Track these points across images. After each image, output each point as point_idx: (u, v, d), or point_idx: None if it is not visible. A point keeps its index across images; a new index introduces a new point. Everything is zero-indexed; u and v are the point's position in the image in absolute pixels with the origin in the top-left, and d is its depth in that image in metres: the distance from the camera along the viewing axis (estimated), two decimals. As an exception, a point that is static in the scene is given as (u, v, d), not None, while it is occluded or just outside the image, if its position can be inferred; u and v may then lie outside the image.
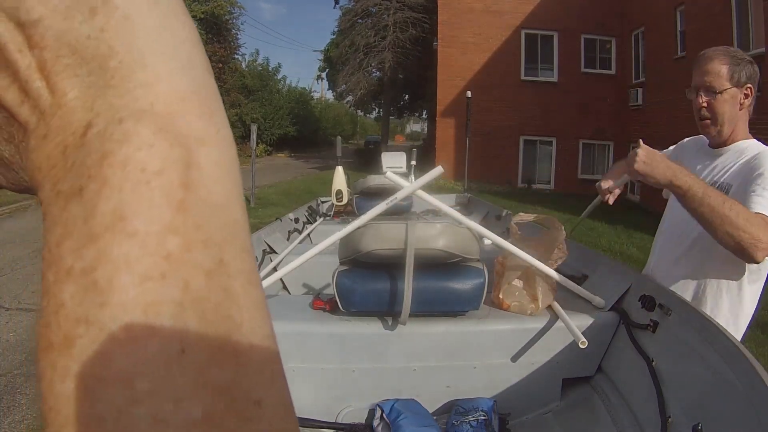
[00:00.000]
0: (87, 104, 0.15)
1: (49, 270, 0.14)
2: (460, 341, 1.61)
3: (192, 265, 0.13)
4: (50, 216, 0.14)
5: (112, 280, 0.13)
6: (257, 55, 28.22)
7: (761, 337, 3.68)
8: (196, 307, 0.13)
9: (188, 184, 0.14)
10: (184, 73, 0.15)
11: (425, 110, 25.21)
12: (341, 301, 1.64)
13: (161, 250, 0.13)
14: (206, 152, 0.15)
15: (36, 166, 0.15)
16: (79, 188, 0.14)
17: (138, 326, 0.13)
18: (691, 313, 1.39)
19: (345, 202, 4.09)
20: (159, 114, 0.14)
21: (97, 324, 0.13)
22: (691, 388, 1.27)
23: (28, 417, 2.64)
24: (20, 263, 5.43)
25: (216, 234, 0.14)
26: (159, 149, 0.14)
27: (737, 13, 7.79)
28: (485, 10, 13.73)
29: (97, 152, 0.14)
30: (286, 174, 17.13)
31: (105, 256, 0.13)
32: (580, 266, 2.08)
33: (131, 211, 0.13)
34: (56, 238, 0.14)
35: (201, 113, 0.15)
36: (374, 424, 1.54)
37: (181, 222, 0.14)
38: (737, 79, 1.45)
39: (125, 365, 0.12)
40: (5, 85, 0.16)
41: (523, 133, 13.93)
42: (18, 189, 0.19)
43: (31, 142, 0.15)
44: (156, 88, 0.15)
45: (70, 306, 0.13)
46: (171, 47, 0.15)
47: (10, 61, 0.15)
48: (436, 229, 1.56)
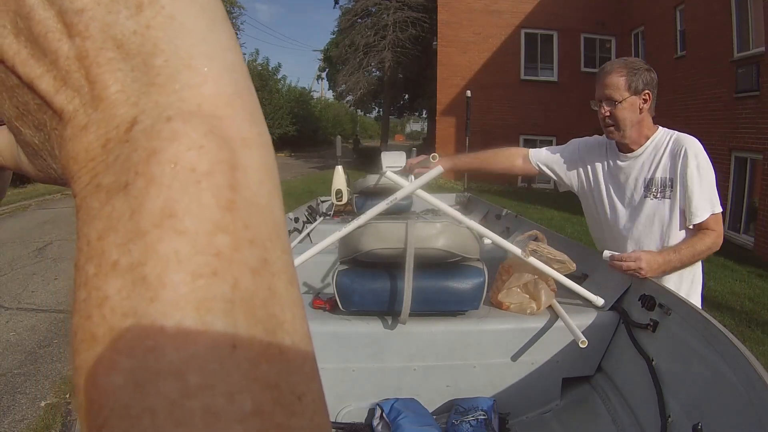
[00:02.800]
0: (131, 100, 0.15)
1: (88, 262, 0.14)
2: (460, 341, 1.61)
3: (240, 263, 0.14)
4: (88, 208, 0.14)
5: (163, 276, 0.13)
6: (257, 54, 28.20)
7: (761, 336, 3.69)
8: (245, 304, 0.13)
9: (235, 186, 0.14)
10: (228, 77, 0.16)
11: (425, 110, 25.19)
12: (341, 301, 1.64)
13: (212, 248, 0.13)
14: (250, 155, 0.15)
15: (71, 156, 0.15)
16: (125, 183, 0.14)
17: (190, 322, 0.13)
18: (691, 312, 1.39)
19: (345, 201, 4.08)
20: (207, 115, 0.15)
21: (146, 318, 0.13)
22: (691, 387, 1.27)
23: (29, 416, 2.64)
24: (20, 263, 5.43)
25: (261, 234, 0.14)
26: (208, 150, 0.14)
27: (737, 13, 7.78)
28: (485, 9, 13.73)
29: (144, 149, 0.14)
30: (286, 173, 17.13)
31: (154, 252, 0.13)
32: (580, 266, 2.08)
33: (181, 209, 0.14)
34: (97, 232, 0.14)
35: (245, 117, 0.15)
36: (374, 424, 1.54)
37: (230, 221, 0.14)
38: (635, 88, 1.63)
39: (177, 359, 0.12)
40: (41, 73, 0.16)
41: (523, 132, 13.92)
42: (45, 178, 0.19)
43: (67, 131, 0.15)
44: (203, 89, 0.15)
45: (116, 300, 0.13)
46: (216, 51, 0.16)
47: (50, 49, 0.15)
48: (436, 229, 1.56)
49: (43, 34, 0.15)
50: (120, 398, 0.12)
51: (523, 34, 13.79)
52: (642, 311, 1.56)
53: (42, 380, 3.01)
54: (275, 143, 6.06)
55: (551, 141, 13.88)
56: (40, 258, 5.64)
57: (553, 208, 10.08)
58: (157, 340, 0.13)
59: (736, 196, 7.71)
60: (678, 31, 9.91)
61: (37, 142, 0.17)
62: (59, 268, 5.16)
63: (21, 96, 0.16)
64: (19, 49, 0.16)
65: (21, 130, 0.18)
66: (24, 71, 0.16)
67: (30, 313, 4.05)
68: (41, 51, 0.16)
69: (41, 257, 5.67)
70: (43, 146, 0.17)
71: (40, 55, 0.16)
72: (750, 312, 4.31)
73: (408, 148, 5.94)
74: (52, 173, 0.18)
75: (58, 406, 2.73)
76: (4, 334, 3.63)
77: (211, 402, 0.12)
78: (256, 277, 0.14)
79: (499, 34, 13.73)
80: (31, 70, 0.16)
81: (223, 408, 0.12)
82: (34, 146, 0.18)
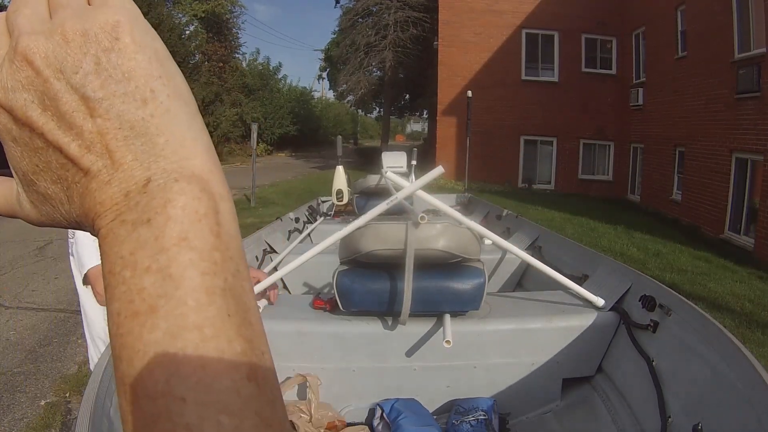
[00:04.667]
0: (144, 165, 0.21)
1: (125, 269, 0.20)
2: (460, 341, 1.61)
3: (226, 269, 0.21)
4: (116, 235, 0.21)
5: (183, 273, 0.20)
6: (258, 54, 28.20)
7: (761, 338, 3.68)
8: (232, 293, 0.21)
9: (220, 222, 0.22)
10: (208, 154, 0.23)
11: (426, 110, 25.16)
12: (341, 301, 1.64)
13: (211, 258, 0.21)
14: (225, 204, 0.22)
15: (98, 201, 0.22)
16: (147, 219, 0.21)
17: (203, 299, 0.20)
18: (692, 313, 1.39)
19: (345, 201, 4.09)
20: (200, 179, 0.22)
21: (174, 298, 0.20)
22: (691, 387, 1.27)
23: (28, 415, 2.64)
24: (20, 262, 5.44)
25: (234, 253, 0.22)
26: (204, 201, 0.21)
27: (738, 13, 7.77)
28: (486, 9, 13.72)
29: (161, 198, 0.21)
30: (286, 173, 17.12)
31: (176, 259, 0.20)
32: (580, 266, 2.08)
33: (191, 235, 0.21)
34: (129, 249, 0.20)
35: (221, 180, 0.23)
36: (374, 424, 1.54)
37: (219, 243, 0.21)
38: None
39: (196, 319, 0.20)
40: (68, 141, 0.22)
41: (524, 132, 13.92)
42: (45, 221, 0.25)
43: (93, 184, 0.22)
44: (194, 161, 0.22)
45: (151, 289, 0.20)
46: (198, 134, 0.23)
47: (76, 124, 0.22)
48: (436, 229, 1.55)
49: (70, 113, 0.22)
50: (160, 347, 0.19)
51: (524, 34, 13.78)
52: (642, 312, 1.56)
53: (42, 379, 3.01)
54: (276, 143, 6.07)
55: (552, 141, 13.89)
56: (41, 257, 5.64)
57: (554, 208, 10.08)
58: (183, 309, 0.20)
59: (736, 197, 7.70)
60: (679, 31, 9.90)
61: (50, 193, 0.23)
62: (59, 267, 5.16)
63: (44, 156, 0.22)
64: (46, 120, 0.22)
65: (36, 182, 0.23)
66: (53, 138, 0.22)
67: (30, 312, 4.05)
68: (67, 125, 0.22)
69: (41, 256, 5.67)
70: (56, 196, 0.23)
71: (66, 128, 0.22)
72: (750, 313, 4.30)
73: (409, 148, 5.94)
74: (57, 217, 0.24)
75: (58, 405, 2.73)
76: (4, 332, 3.64)
77: (217, 345, 0.20)
78: (235, 278, 0.21)
79: (500, 34, 13.73)
80: (59, 138, 0.22)
81: (224, 348, 0.20)
82: (46, 195, 0.23)
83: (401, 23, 19.29)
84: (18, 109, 0.22)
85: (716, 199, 8.09)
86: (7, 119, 0.22)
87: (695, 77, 8.98)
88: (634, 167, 12.38)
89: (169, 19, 18.46)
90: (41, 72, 0.21)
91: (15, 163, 0.23)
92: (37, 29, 0.22)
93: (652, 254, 6.53)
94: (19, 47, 0.22)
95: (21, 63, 0.21)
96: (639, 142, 11.89)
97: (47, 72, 0.21)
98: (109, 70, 0.22)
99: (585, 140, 13.55)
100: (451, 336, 1.45)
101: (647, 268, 5.61)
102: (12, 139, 0.23)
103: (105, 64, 0.22)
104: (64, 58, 0.21)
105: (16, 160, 0.23)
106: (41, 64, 0.21)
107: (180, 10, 21.26)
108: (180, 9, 21.31)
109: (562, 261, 2.25)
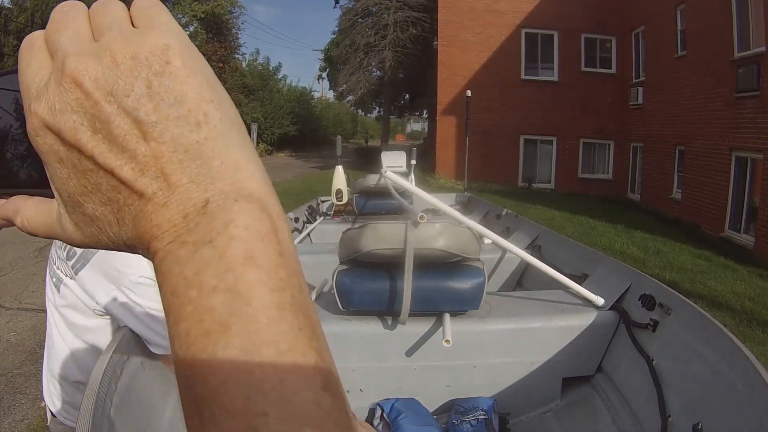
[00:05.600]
0: (201, 187, 0.21)
1: (190, 289, 0.20)
2: (460, 341, 1.61)
3: (292, 285, 0.21)
4: (177, 257, 0.21)
5: (252, 291, 0.20)
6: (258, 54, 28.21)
7: (761, 336, 3.68)
8: (299, 307, 0.21)
9: (280, 241, 0.22)
10: (262, 175, 0.23)
11: (425, 109, 25.15)
12: (341, 301, 1.64)
13: (277, 275, 0.21)
14: (282, 223, 0.23)
15: (155, 224, 0.22)
16: (209, 239, 0.21)
17: (274, 315, 0.20)
18: (692, 312, 1.39)
19: (345, 201, 4.08)
20: (258, 199, 0.22)
21: (246, 315, 0.20)
22: (691, 387, 1.27)
23: (29, 416, 2.64)
24: (21, 263, 5.44)
25: (296, 269, 0.22)
26: (264, 221, 0.22)
27: (737, 13, 7.77)
28: (485, 9, 13.71)
29: (222, 218, 0.21)
30: (286, 173, 17.12)
31: (244, 278, 0.20)
32: (580, 266, 2.08)
33: (257, 253, 0.21)
34: (193, 270, 0.20)
35: (276, 200, 0.23)
36: (374, 423, 1.54)
37: (283, 261, 0.21)
38: None
39: (271, 335, 0.20)
40: (120, 164, 0.22)
41: (524, 132, 13.92)
42: (89, 243, 0.25)
43: (149, 207, 0.22)
44: (251, 182, 0.22)
45: (221, 308, 0.20)
46: (250, 156, 0.23)
47: (128, 148, 0.21)
48: (435, 229, 1.55)
49: (123, 136, 0.21)
50: (234, 365, 0.19)
51: (523, 33, 13.78)
52: (642, 311, 1.56)
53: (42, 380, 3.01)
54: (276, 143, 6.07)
55: (552, 140, 13.88)
56: (41, 258, 5.64)
57: (554, 207, 10.08)
58: (256, 326, 0.20)
59: (736, 195, 7.70)
60: (678, 30, 9.89)
61: (98, 214, 0.23)
62: (60, 268, 5.16)
63: (93, 178, 0.22)
64: (97, 143, 0.22)
65: (83, 204, 0.23)
66: (104, 161, 0.22)
67: (30, 313, 4.05)
68: (120, 148, 0.21)
69: (41, 257, 5.68)
70: (105, 217, 0.23)
71: (118, 151, 0.22)
72: (750, 312, 4.30)
73: (408, 147, 5.94)
74: (103, 239, 0.24)
75: (59, 406, 2.73)
76: (4, 334, 3.64)
77: (293, 359, 0.20)
78: (300, 294, 0.22)
79: (500, 34, 13.73)
80: (110, 161, 0.22)
81: (299, 362, 0.20)
82: (93, 217, 0.23)
83: (401, 23, 19.28)
84: (67, 131, 0.22)
85: (716, 198, 8.09)
86: (53, 140, 0.22)
87: (695, 76, 8.98)
88: (634, 166, 12.38)
89: (169, 19, 18.41)
90: (91, 94, 0.21)
91: (60, 184, 0.23)
92: (84, 50, 0.22)
93: (652, 253, 6.53)
94: (66, 68, 0.21)
95: (69, 84, 0.21)
96: (639, 141, 11.89)
97: (97, 94, 0.21)
98: (161, 93, 0.22)
99: (585, 139, 13.54)
100: (450, 335, 1.45)
101: (647, 267, 5.61)
102: (58, 160, 0.22)
103: (157, 88, 0.22)
104: (114, 81, 0.21)
105: (62, 182, 0.23)
106: (91, 87, 0.21)
107: (179, 11, 21.27)
108: (179, 10, 21.32)
109: (561, 260, 2.24)
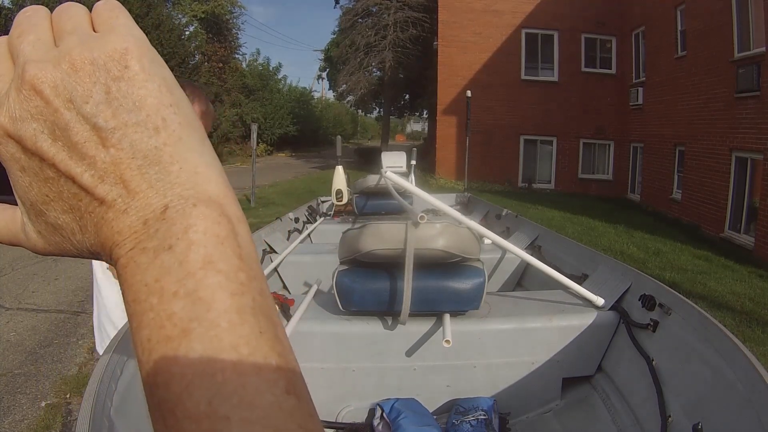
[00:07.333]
0: (160, 193, 0.21)
1: (151, 296, 0.20)
2: (460, 341, 1.61)
3: (252, 288, 0.21)
4: (137, 263, 0.21)
5: (213, 296, 0.20)
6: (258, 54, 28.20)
7: (762, 336, 3.69)
8: (261, 310, 0.21)
9: (240, 244, 0.22)
10: (222, 178, 0.23)
11: (425, 109, 25.15)
12: (341, 301, 1.64)
13: (237, 279, 0.21)
14: (242, 225, 0.23)
15: (116, 231, 0.21)
16: (169, 245, 0.21)
17: (235, 319, 0.20)
18: (692, 312, 1.39)
19: (345, 201, 4.08)
20: (217, 203, 0.22)
21: (207, 320, 0.20)
22: (691, 387, 1.27)
23: (29, 416, 2.64)
24: (21, 263, 5.44)
25: (257, 273, 0.22)
26: (223, 224, 0.21)
27: (737, 13, 7.77)
28: (485, 9, 13.71)
29: (181, 224, 0.21)
30: (286, 173, 17.12)
31: (204, 283, 0.20)
32: (580, 266, 2.08)
33: (216, 258, 0.21)
34: (154, 276, 0.20)
35: (235, 202, 0.23)
36: (374, 424, 1.54)
37: (243, 265, 0.21)
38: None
39: (231, 339, 0.20)
40: (81, 171, 0.21)
41: (524, 132, 13.91)
42: (52, 250, 0.24)
43: (110, 213, 0.22)
44: (209, 186, 0.22)
45: (182, 313, 0.20)
46: (209, 160, 0.23)
47: (88, 155, 0.21)
48: (435, 229, 1.55)
49: (82, 143, 0.21)
50: (196, 367, 0.19)
51: (523, 34, 13.77)
52: (642, 311, 1.56)
53: (42, 380, 3.01)
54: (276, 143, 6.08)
55: (551, 141, 13.88)
56: (41, 258, 5.64)
57: (554, 208, 10.08)
58: (217, 331, 0.20)
59: (736, 196, 7.70)
60: (678, 31, 9.89)
61: (61, 222, 0.23)
62: (59, 269, 5.16)
63: (55, 186, 0.22)
64: (57, 151, 0.21)
65: (45, 212, 0.23)
66: (65, 168, 0.21)
67: (30, 313, 4.05)
68: (79, 155, 0.21)
69: (41, 258, 5.67)
70: (68, 225, 0.23)
71: (78, 158, 0.21)
72: (750, 312, 4.30)
73: (408, 148, 5.94)
74: (67, 247, 0.24)
75: (59, 406, 2.73)
76: (4, 334, 3.64)
77: (254, 362, 0.20)
78: (261, 297, 0.21)
79: (500, 34, 13.72)
80: (71, 168, 0.21)
81: (261, 365, 0.20)
82: (56, 225, 0.23)
83: (401, 23, 19.27)
84: (27, 139, 0.21)
85: (716, 198, 8.09)
86: (15, 149, 0.22)
87: (695, 76, 8.98)
88: (634, 166, 12.38)
89: (169, 20, 18.43)
90: (51, 102, 0.21)
91: (22, 192, 0.23)
92: (44, 57, 0.22)
93: (652, 253, 6.53)
94: (26, 76, 0.21)
95: (29, 92, 0.21)
96: (639, 142, 11.88)
97: (57, 102, 0.21)
98: (120, 99, 0.21)
99: (585, 140, 13.54)
100: (450, 335, 1.45)
101: (647, 267, 5.61)
102: (20, 168, 0.22)
103: (115, 93, 0.21)
104: (73, 88, 0.21)
105: (24, 190, 0.23)
106: (50, 94, 0.21)
107: (180, 11, 21.26)
108: (179, 10, 21.31)
109: (561, 260, 2.25)
